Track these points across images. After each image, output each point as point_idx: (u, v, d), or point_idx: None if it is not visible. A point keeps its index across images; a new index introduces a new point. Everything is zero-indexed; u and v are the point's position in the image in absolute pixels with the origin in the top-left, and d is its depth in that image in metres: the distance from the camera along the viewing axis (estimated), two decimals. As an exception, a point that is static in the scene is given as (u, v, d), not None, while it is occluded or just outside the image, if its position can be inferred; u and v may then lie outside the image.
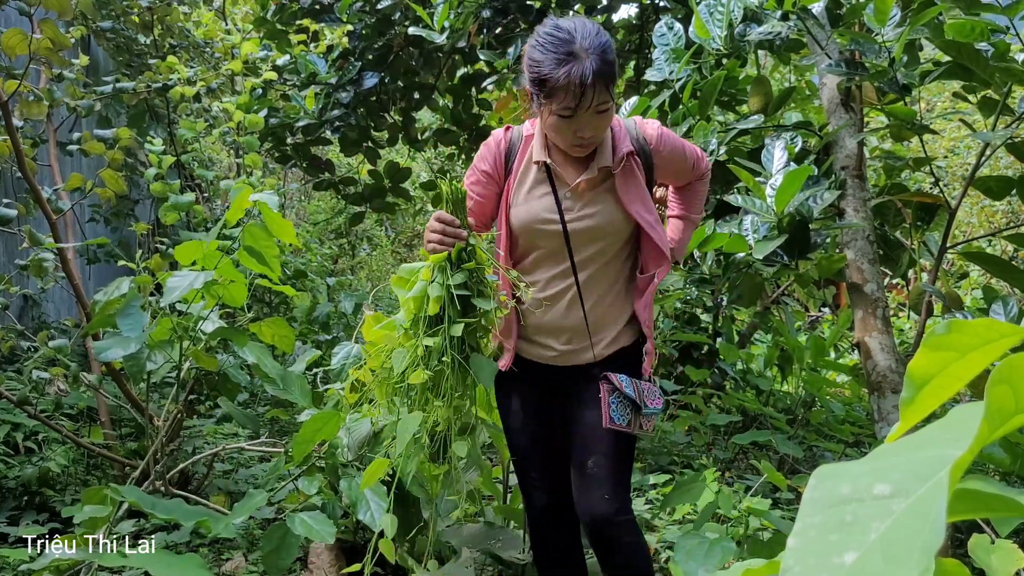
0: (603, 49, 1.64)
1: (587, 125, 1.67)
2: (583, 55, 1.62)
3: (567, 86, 1.61)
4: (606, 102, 1.66)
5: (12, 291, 2.84)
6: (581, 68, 1.61)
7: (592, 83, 1.61)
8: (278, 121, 4.34)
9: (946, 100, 6.79)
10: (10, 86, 2.52)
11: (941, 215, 2.59)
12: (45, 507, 2.93)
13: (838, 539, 0.31)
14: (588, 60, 1.61)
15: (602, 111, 1.66)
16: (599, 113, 1.66)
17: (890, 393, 2.23)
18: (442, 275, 1.63)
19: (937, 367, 0.40)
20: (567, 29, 1.65)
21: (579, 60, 1.61)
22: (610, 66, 1.64)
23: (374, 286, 7.83)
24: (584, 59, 1.61)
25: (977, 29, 1.98)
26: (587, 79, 1.60)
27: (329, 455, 2.14)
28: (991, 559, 1.14)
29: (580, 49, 1.63)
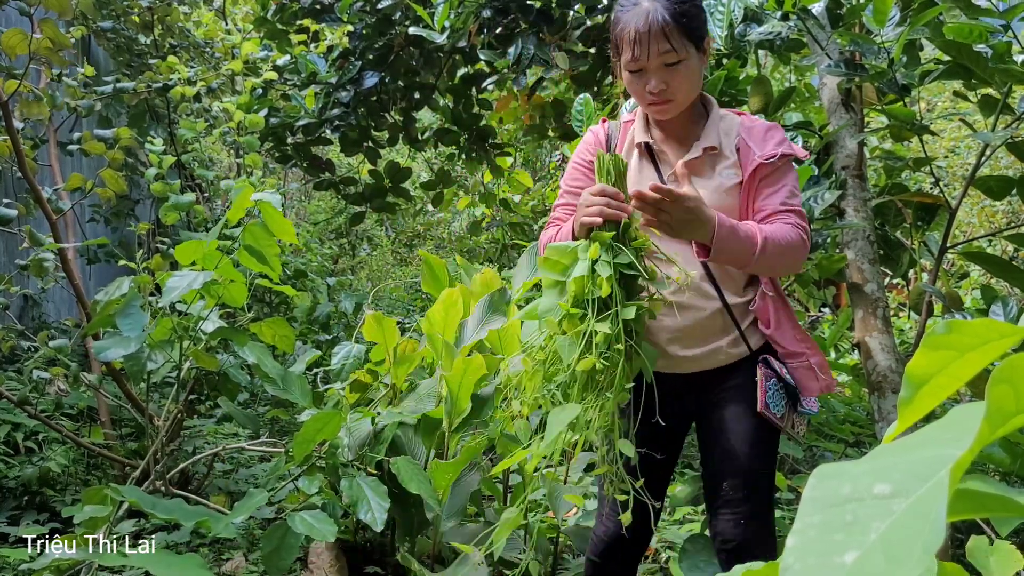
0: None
1: (655, 77, 1.57)
2: (648, 3, 1.54)
3: (628, 35, 1.55)
4: (671, 52, 1.53)
5: (12, 291, 2.84)
6: (641, 15, 1.53)
7: (649, 31, 1.52)
8: (278, 121, 4.34)
9: (946, 100, 6.79)
10: (10, 86, 2.52)
11: (941, 215, 2.59)
12: (45, 507, 2.93)
13: (838, 539, 0.31)
14: (652, 7, 1.52)
15: (670, 63, 1.55)
16: (667, 66, 1.55)
17: (890, 393, 2.23)
18: (608, 253, 1.44)
19: (936, 367, 0.40)
20: None
21: (641, 8, 1.54)
22: (677, 15, 1.52)
23: (374, 286, 7.83)
24: (647, 6, 1.53)
25: (976, 31, 1.98)
26: (643, 27, 1.52)
27: (329, 455, 2.14)
28: (989, 561, 1.14)
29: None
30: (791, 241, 1.56)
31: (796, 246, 1.56)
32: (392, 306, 7.26)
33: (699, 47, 1.59)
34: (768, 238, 1.53)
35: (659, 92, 1.58)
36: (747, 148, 1.64)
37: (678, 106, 1.62)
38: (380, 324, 2.40)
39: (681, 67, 1.56)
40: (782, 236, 1.55)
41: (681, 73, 1.57)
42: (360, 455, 2.21)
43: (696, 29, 1.56)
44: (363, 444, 2.23)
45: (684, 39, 1.54)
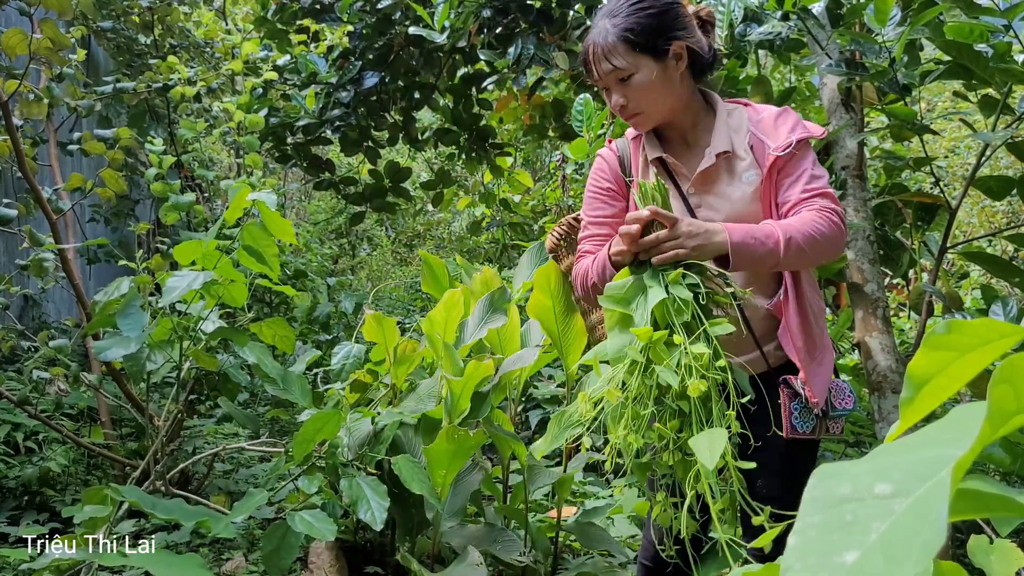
0: (616, 11, 1.53)
1: (616, 93, 1.57)
2: (598, 22, 1.54)
3: (583, 55, 1.57)
4: (617, 69, 1.53)
5: (12, 291, 2.84)
6: (592, 36, 1.54)
7: (594, 52, 1.53)
8: (278, 121, 4.34)
9: (946, 100, 6.79)
10: (10, 86, 2.52)
11: (941, 215, 2.59)
12: (45, 507, 2.93)
13: (839, 539, 0.31)
14: (601, 27, 1.53)
15: (623, 79, 1.54)
16: (622, 82, 1.55)
17: (890, 393, 2.23)
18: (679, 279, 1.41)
19: (937, 367, 0.40)
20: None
21: (595, 28, 1.54)
22: (621, 32, 1.51)
23: (374, 286, 7.83)
24: (599, 26, 1.53)
25: (976, 31, 1.98)
26: (589, 48, 1.54)
27: (329, 455, 2.14)
28: (990, 559, 1.14)
29: (599, 15, 1.55)
30: (819, 228, 1.48)
31: (826, 231, 1.48)
32: (392, 306, 7.26)
33: (657, 56, 1.54)
34: (791, 233, 1.46)
35: (621, 108, 1.59)
36: (760, 143, 1.59)
37: (651, 117, 1.60)
38: (380, 324, 2.40)
39: (635, 81, 1.54)
40: (808, 226, 1.48)
41: (636, 87, 1.54)
42: (360, 455, 2.21)
43: (648, 40, 1.52)
44: (363, 444, 2.23)
45: (632, 54, 1.52)
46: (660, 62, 1.54)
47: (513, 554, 2.33)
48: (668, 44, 1.54)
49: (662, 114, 1.60)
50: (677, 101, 1.60)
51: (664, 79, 1.55)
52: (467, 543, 2.28)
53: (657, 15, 1.53)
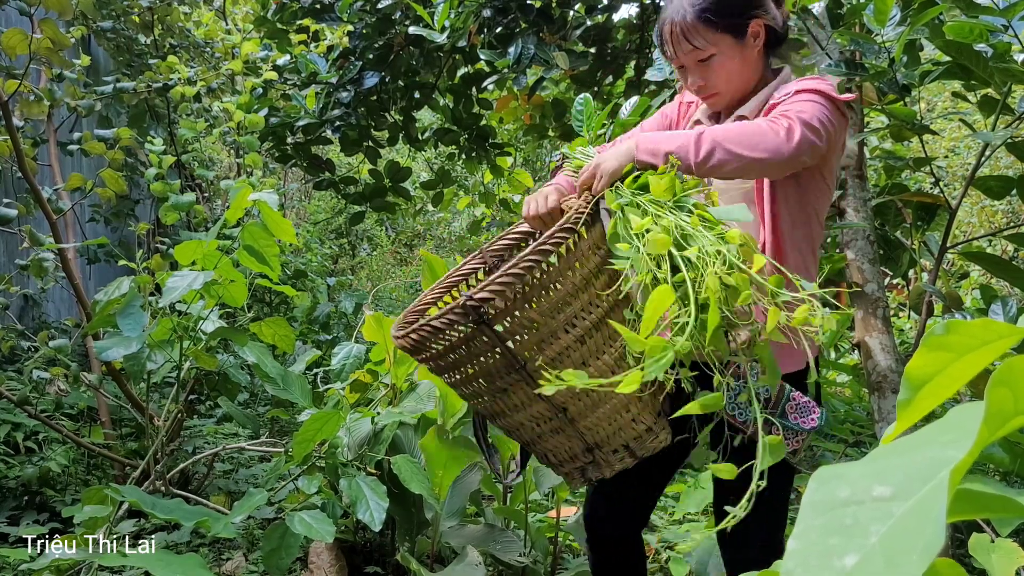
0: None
1: (693, 74, 1.53)
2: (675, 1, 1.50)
3: (659, 34, 1.53)
4: (697, 50, 1.49)
5: (12, 291, 2.84)
6: (669, 13, 1.50)
7: (672, 32, 1.49)
8: (278, 121, 4.34)
9: (946, 100, 6.78)
10: (10, 86, 2.52)
11: (941, 215, 2.59)
12: (45, 507, 2.93)
13: (839, 541, 0.31)
14: (679, 4, 1.49)
15: (702, 60, 1.50)
16: (701, 62, 1.50)
17: (890, 393, 2.23)
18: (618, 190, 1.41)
19: (935, 368, 0.40)
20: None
21: (672, 5, 1.50)
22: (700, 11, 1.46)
23: (374, 286, 7.83)
24: (676, 3, 1.49)
25: (976, 31, 1.98)
26: (667, 27, 1.50)
27: (329, 455, 2.14)
28: (991, 558, 1.14)
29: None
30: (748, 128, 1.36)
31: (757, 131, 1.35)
32: (392, 306, 7.26)
33: (737, 35, 1.50)
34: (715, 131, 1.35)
35: (698, 88, 1.55)
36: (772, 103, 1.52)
37: (726, 96, 1.56)
38: (380, 324, 2.40)
39: (715, 61, 1.50)
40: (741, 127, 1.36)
41: (716, 67, 1.50)
42: (360, 455, 2.21)
43: (728, 19, 1.48)
44: (363, 444, 2.23)
45: (712, 34, 1.48)
46: (740, 41, 1.50)
47: (513, 554, 2.33)
48: (747, 22, 1.50)
49: (740, 93, 1.57)
50: (753, 79, 1.57)
51: (743, 58, 1.52)
52: (466, 543, 2.29)
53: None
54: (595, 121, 2.73)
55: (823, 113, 1.40)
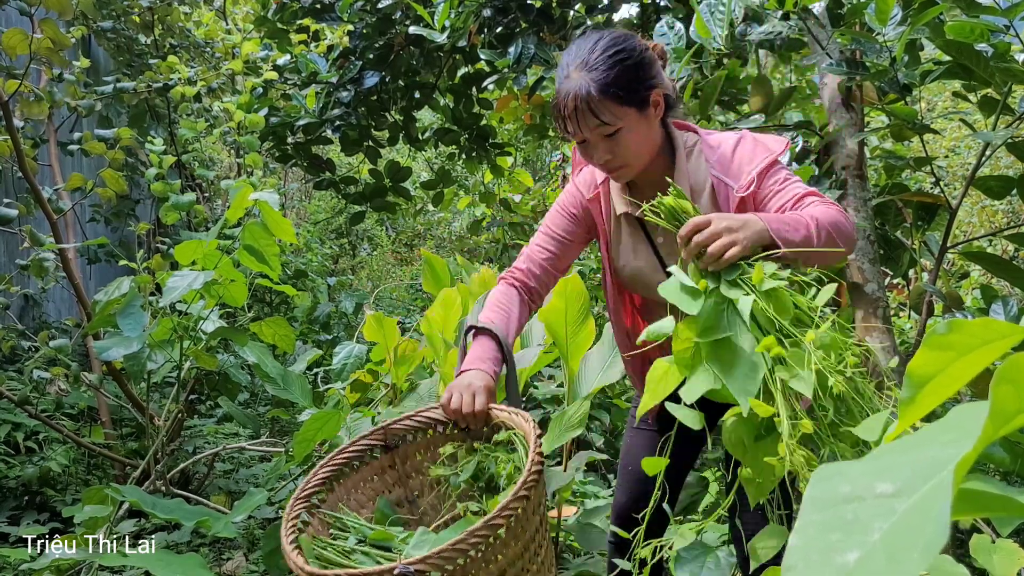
0: (592, 63, 1.44)
1: (598, 149, 1.50)
2: (572, 74, 1.46)
3: (560, 110, 1.48)
4: (604, 125, 1.45)
5: (13, 291, 2.84)
6: (570, 90, 1.45)
7: (576, 108, 1.44)
8: (279, 120, 4.34)
9: (947, 100, 6.78)
10: (11, 86, 2.52)
11: (942, 215, 2.58)
12: (46, 507, 2.93)
13: (840, 538, 0.31)
14: (579, 81, 1.44)
15: (609, 134, 1.47)
16: (607, 137, 1.47)
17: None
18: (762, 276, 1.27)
19: (937, 367, 0.40)
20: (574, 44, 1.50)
21: (571, 82, 1.45)
22: (604, 87, 1.43)
23: (375, 286, 7.83)
24: (575, 80, 1.45)
25: (977, 30, 1.98)
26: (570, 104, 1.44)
27: (330, 455, 2.14)
28: (992, 559, 1.14)
29: (569, 67, 1.47)
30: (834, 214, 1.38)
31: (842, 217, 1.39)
32: (392, 306, 7.26)
33: (641, 107, 1.48)
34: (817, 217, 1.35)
35: (606, 162, 1.52)
36: (721, 183, 1.53)
37: (634, 168, 1.54)
38: (380, 324, 2.40)
39: (621, 135, 1.47)
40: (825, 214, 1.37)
41: (623, 140, 1.48)
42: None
43: (632, 92, 1.46)
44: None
45: (617, 108, 1.45)
46: (643, 113, 1.49)
47: None
48: (648, 93, 1.49)
49: (644, 163, 1.55)
50: (655, 147, 1.56)
51: (647, 129, 1.51)
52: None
53: (636, 65, 1.47)
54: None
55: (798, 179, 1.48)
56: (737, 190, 1.50)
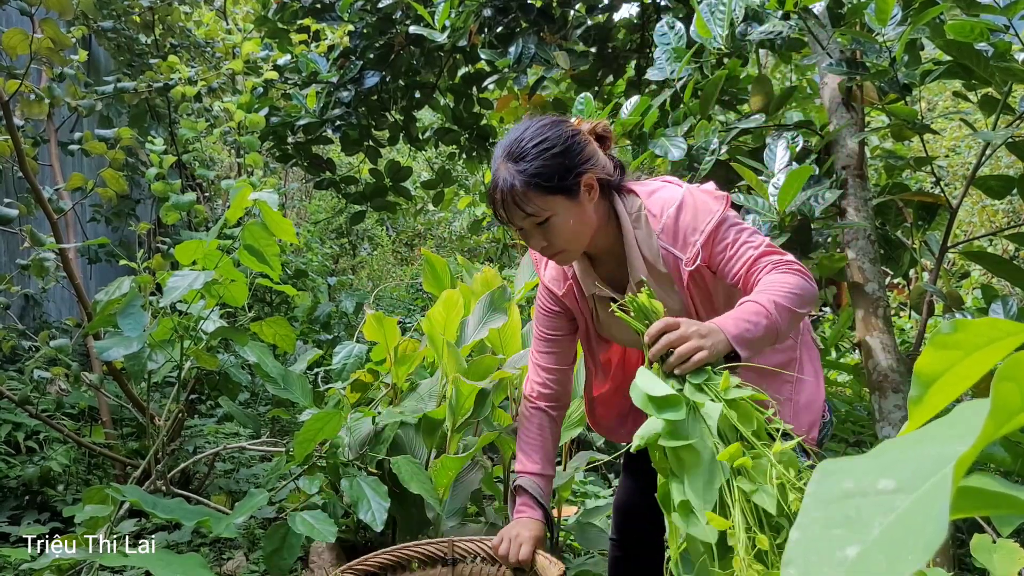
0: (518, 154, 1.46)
1: (534, 238, 1.52)
2: (500, 165, 1.48)
3: (491, 202, 1.51)
4: (532, 216, 1.47)
5: (13, 291, 2.84)
6: (497, 184, 1.47)
7: (504, 202, 1.47)
8: (279, 120, 4.34)
9: (947, 99, 6.78)
10: (11, 86, 2.52)
11: (942, 214, 2.58)
12: (46, 507, 2.93)
13: (841, 534, 0.31)
14: (505, 174, 1.46)
15: (541, 223, 1.48)
16: (539, 225, 1.48)
17: (891, 393, 2.23)
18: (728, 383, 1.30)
19: (944, 366, 0.40)
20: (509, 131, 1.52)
21: (498, 176, 1.48)
22: (529, 179, 1.44)
23: (375, 286, 7.83)
24: (502, 174, 1.47)
25: (977, 30, 1.98)
26: (499, 197, 1.47)
27: (330, 454, 2.14)
28: (993, 558, 1.14)
29: (499, 158, 1.49)
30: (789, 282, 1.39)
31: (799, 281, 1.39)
32: (393, 306, 7.26)
33: (570, 193, 1.48)
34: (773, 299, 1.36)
35: (542, 249, 1.53)
36: (670, 255, 1.54)
37: (574, 252, 1.55)
38: (381, 324, 2.40)
39: (553, 223, 1.48)
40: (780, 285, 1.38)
41: (555, 228, 1.48)
42: (361, 455, 2.21)
43: (559, 181, 1.46)
44: (364, 444, 2.23)
45: (543, 198, 1.46)
46: (573, 199, 1.49)
47: None
48: (577, 180, 1.49)
49: (583, 246, 1.56)
50: (594, 229, 1.56)
51: (580, 213, 1.50)
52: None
53: (562, 153, 1.47)
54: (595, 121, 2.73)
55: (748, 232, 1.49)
56: (685, 263, 1.50)
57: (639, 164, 2.71)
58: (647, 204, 1.56)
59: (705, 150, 2.52)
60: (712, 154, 2.52)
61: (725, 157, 2.63)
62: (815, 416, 1.58)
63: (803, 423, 1.56)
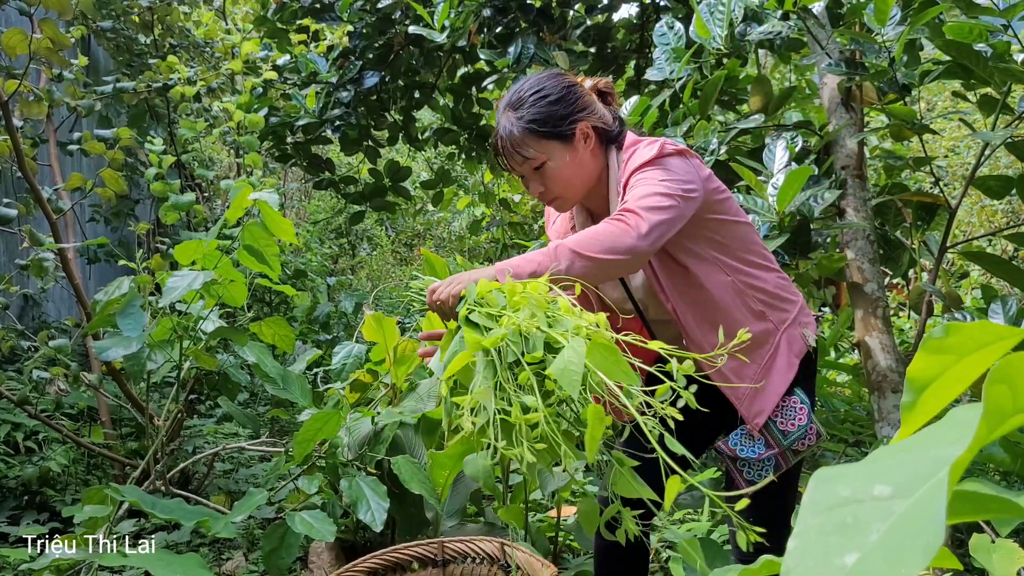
0: (517, 103, 1.55)
1: (532, 183, 1.60)
2: (502, 115, 1.57)
3: (494, 151, 1.60)
4: (529, 159, 1.55)
5: (12, 291, 2.84)
6: (498, 130, 1.57)
7: (503, 147, 1.56)
8: (278, 120, 4.34)
9: (946, 100, 6.78)
10: (10, 86, 2.52)
11: (941, 215, 2.59)
12: (45, 507, 2.93)
13: (839, 540, 0.31)
14: (505, 121, 1.56)
15: (536, 167, 1.56)
16: (536, 170, 1.57)
17: (890, 393, 2.23)
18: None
19: (936, 370, 0.40)
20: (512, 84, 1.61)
21: (500, 122, 1.57)
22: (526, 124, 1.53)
23: (374, 286, 7.83)
24: (503, 121, 1.57)
25: (976, 31, 1.98)
26: (499, 143, 1.57)
27: (329, 454, 2.14)
28: (992, 558, 1.14)
29: (501, 109, 1.58)
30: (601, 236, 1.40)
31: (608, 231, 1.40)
32: (392, 306, 7.26)
33: (565, 139, 1.54)
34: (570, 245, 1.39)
35: (540, 194, 1.60)
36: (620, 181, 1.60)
37: (570, 199, 1.61)
38: (380, 324, 2.40)
39: (548, 168, 1.55)
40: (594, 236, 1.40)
41: (551, 173, 1.56)
42: (360, 455, 2.21)
43: (553, 127, 1.53)
44: (363, 444, 2.23)
45: (539, 143, 1.53)
46: (568, 145, 1.55)
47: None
48: (573, 127, 1.55)
49: (580, 193, 1.61)
50: (591, 177, 1.61)
51: (576, 161, 1.57)
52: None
53: (557, 101, 1.55)
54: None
55: (663, 184, 1.46)
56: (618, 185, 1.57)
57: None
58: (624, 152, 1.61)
59: (704, 150, 2.52)
60: (711, 154, 2.52)
61: (724, 157, 2.63)
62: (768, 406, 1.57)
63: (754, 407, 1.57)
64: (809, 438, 1.59)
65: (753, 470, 1.58)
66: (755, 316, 1.59)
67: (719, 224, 1.58)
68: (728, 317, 1.56)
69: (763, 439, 1.57)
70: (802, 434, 1.58)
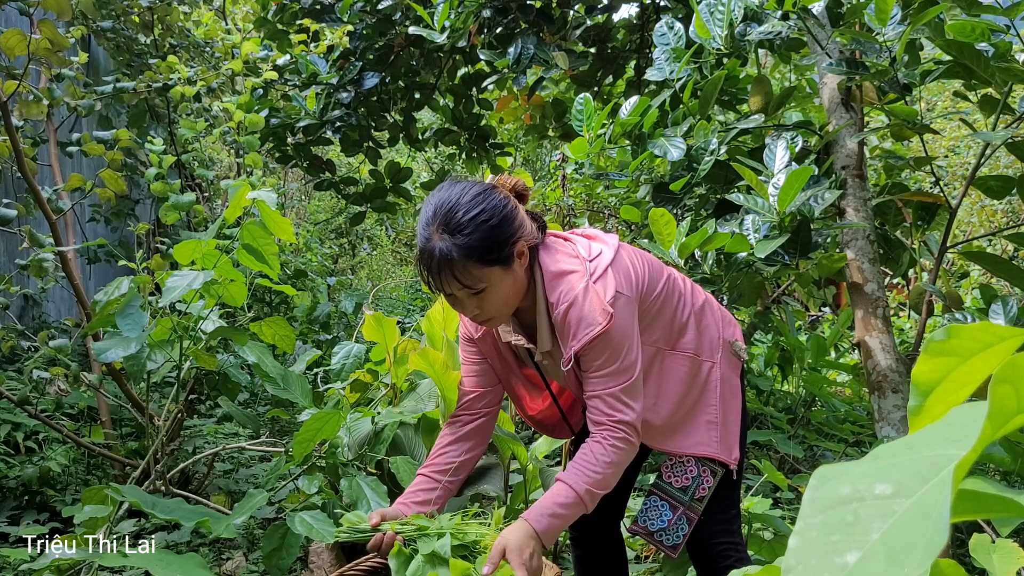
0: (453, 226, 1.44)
1: (467, 304, 1.53)
2: (434, 236, 1.46)
3: (425, 272, 1.50)
4: (467, 287, 1.47)
5: (12, 291, 2.84)
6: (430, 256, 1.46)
7: (440, 274, 1.46)
8: (279, 121, 4.34)
9: (947, 99, 6.79)
10: (10, 86, 2.52)
11: (941, 214, 2.59)
12: (46, 507, 2.93)
13: (840, 539, 0.31)
14: (439, 246, 1.45)
15: (475, 293, 1.49)
16: (473, 295, 1.49)
17: (890, 392, 2.23)
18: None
19: (940, 373, 0.40)
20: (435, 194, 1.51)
21: (431, 246, 1.46)
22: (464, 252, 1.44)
23: (374, 286, 7.83)
24: (436, 245, 1.45)
25: (977, 30, 1.98)
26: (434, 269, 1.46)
27: (329, 455, 2.14)
28: (992, 558, 1.14)
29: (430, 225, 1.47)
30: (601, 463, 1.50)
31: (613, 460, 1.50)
32: (392, 306, 7.26)
33: (505, 264, 1.49)
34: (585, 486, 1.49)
35: (474, 316, 1.56)
36: (558, 345, 1.60)
37: (505, 316, 1.58)
38: (380, 324, 2.40)
39: (487, 292, 1.49)
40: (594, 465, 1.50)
41: (489, 297, 1.50)
42: (360, 455, 2.21)
43: (497, 253, 1.47)
44: (363, 444, 2.23)
45: (483, 269, 1.47)
46: (508, 269, 1.50)
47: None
48: (511, 249, 1.50)
49: (512, 310, 1.59)
50: (524, 291, 1.58)
51: (513, 280, 1.52)
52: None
53: (498, 225, 1.48)
54: (595, 121, 2.73)
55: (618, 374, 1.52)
56: (563, 362, 1.55)
57: (638, 164, 2.71)
58: (548, 285, 1.57)
59: (704, 150, 2.52)
60: (711, 154, 2.52)
61: (724, 157, 2.63)
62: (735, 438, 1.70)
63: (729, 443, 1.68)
64: (706, 480, 1.66)
65: (670, 535, 1.67)
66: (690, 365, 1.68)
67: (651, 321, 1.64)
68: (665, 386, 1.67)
69: (666, 504, 1.68)
70: (698, 482, 1.66)
